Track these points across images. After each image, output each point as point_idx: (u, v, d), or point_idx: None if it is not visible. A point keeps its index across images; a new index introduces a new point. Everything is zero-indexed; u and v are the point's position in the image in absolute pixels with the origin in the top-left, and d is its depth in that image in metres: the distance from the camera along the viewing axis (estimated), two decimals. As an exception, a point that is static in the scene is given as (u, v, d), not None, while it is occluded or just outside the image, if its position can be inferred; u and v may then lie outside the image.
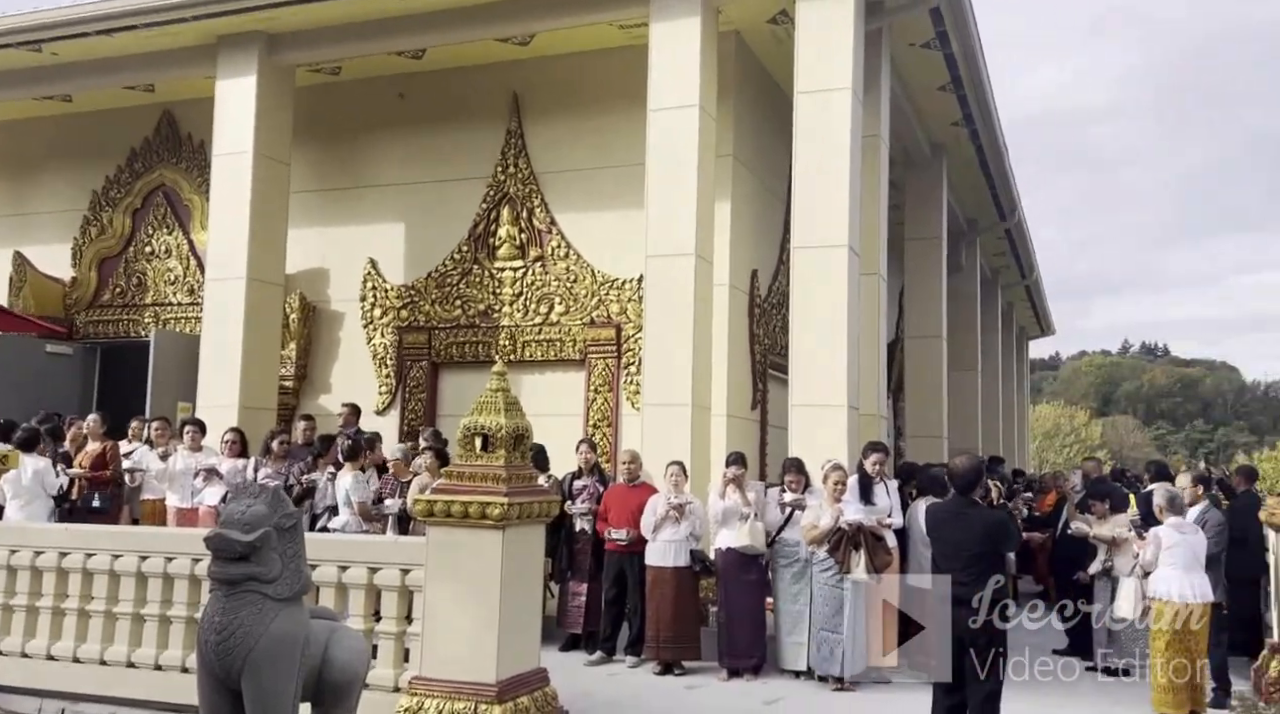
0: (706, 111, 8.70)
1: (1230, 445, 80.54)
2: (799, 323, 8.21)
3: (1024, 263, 19.03)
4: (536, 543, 5.99)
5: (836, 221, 8.10)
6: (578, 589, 8.22)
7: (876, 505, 7.51)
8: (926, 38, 9.73)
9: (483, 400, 5.98)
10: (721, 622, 7.54)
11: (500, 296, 10.53)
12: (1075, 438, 64.36)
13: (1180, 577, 6.51)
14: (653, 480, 8.18)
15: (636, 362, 9.73)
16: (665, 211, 8.58)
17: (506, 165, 10.61)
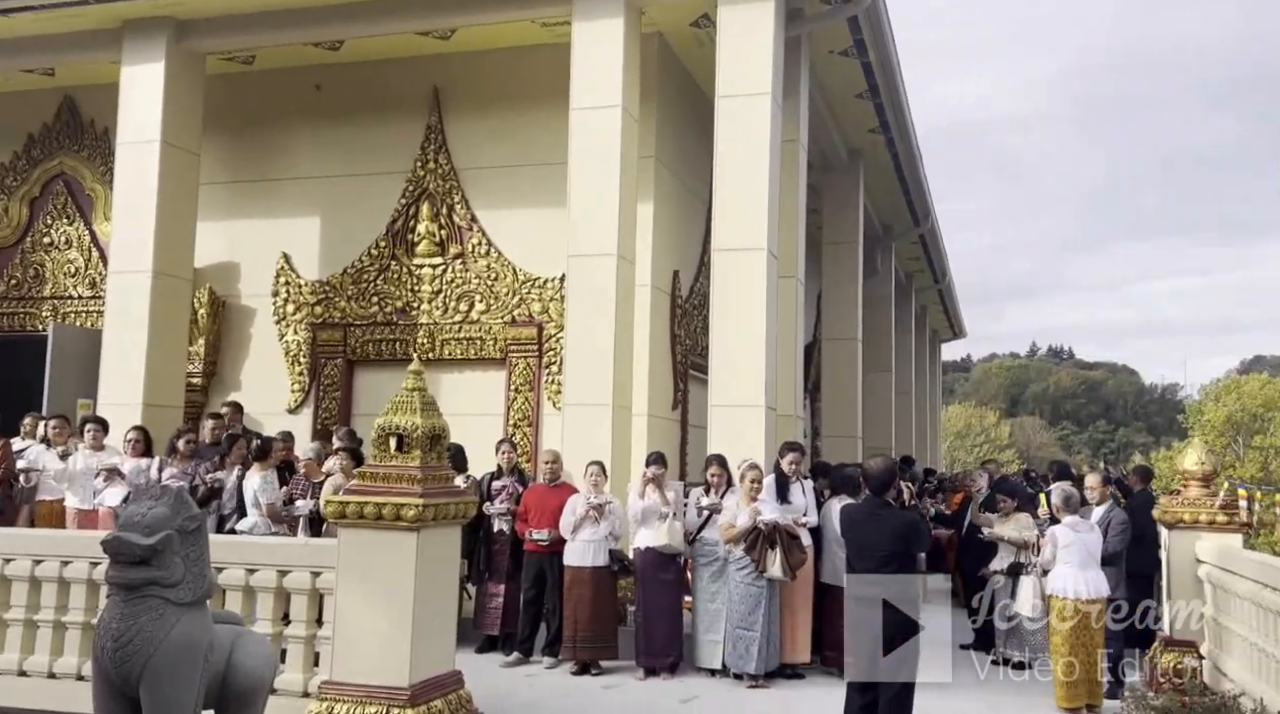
0: (629, 112, 8.71)
1: (1129, 445, 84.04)
2: (719, 324, 8.28)
3: (937, 268, 19.55)
4: (452, 545, 5.92)
5: (755, 225, 8.19)
6: (495, 590, 8.16)
7: (792, 504, 7.63)
8: (845, 45, 9.91)
9: (398, 400, 5.88)
10: (639, 621, 7.56)
11: (419, 294, 10.38)
12: (985, 438, 66.36)
13: (1076, 574, 6.75)
14: (573, 480, 8.17)
15: (558, 361, 9.69)
16: (587, 212, 8.57)
17: (426, 160, 10.46)
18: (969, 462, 65.34)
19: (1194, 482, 8.30)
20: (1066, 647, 6.69)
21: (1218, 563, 7.22)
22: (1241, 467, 45.99)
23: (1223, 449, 47.35)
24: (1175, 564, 8.09)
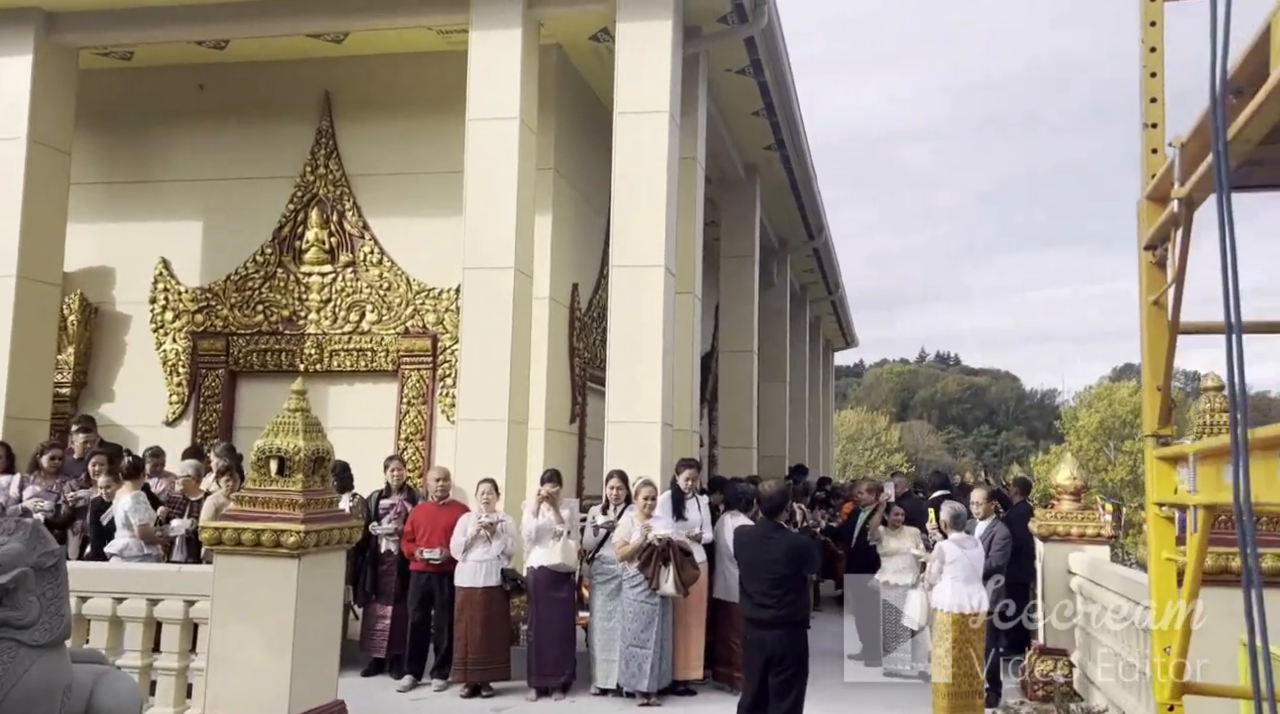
0: (527, 124, 8.62)
1: (1011, 448, 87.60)
2: (616, 340, 8.26)
3: (830, 280, 19.98)
4: (335, 571, 5.74)
5: (653, 242, 8.20)
6: (382, 612, 7.94)
7: (688, 520, 7.66)
8: (742, 64, 10.02)
9: (280, 420, 5.69)
10: (531, 641, 7.47)
11: (307, 302, 10.05)
12: (876, 442, 68.28)
13: (960, 589, 6.95)
14: (466, 498, 8.02)
15: (453, 374, 9.52)
16: (484, 224, 8.44)
17: (316, 166, 10.14)
18: (860, 465, 67.15)
19: (1066, 496, 8.69)
20: (949, 659, 6.87)
21: (1087, 575, 7.56)
22: (1113, 470, 48.49)
23: (1095, 454, 49.84)
24: (1049, 574, 8.45)
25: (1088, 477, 8.60)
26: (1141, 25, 2.33)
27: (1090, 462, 49.54)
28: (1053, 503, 8.85)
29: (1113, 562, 8.11)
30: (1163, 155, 2.31)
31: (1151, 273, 2.37)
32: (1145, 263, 2.37)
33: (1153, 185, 2.27)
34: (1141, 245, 2.37)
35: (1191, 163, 1.95)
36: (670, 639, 7.39)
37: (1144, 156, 2.33)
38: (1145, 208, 2.33)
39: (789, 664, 5.32)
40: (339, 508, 5.86)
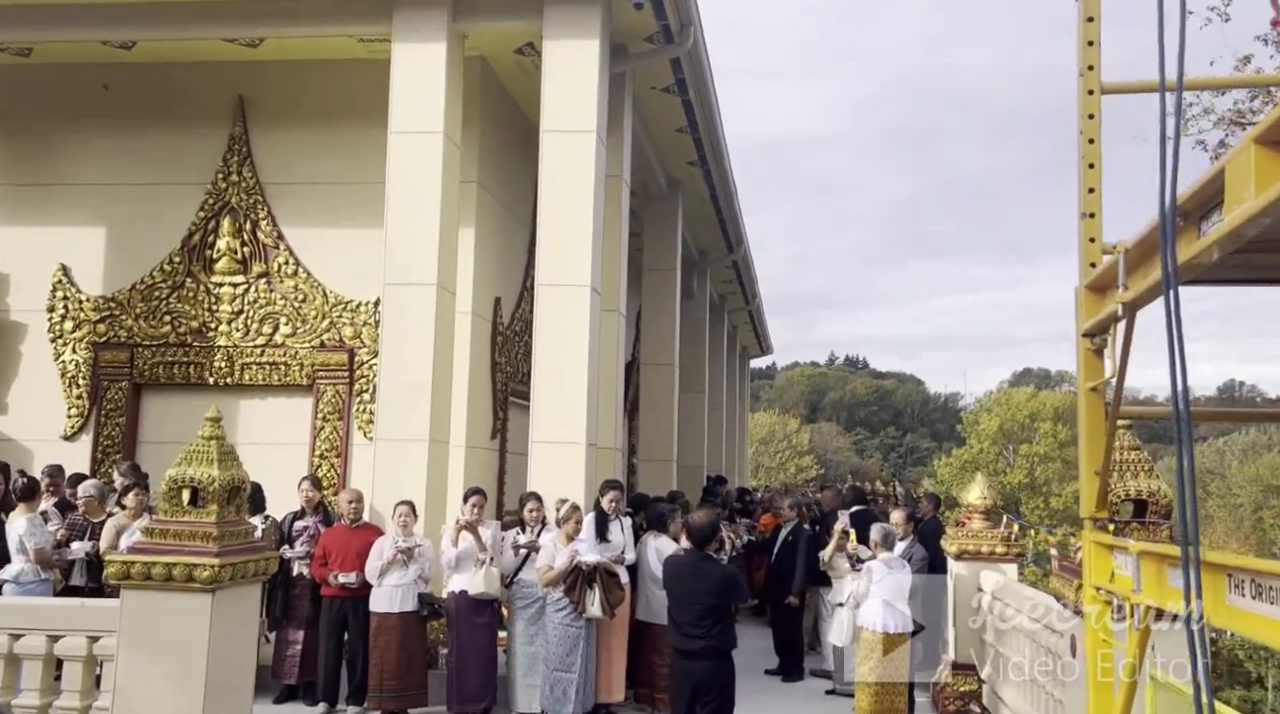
0: (450, 138, 8.49)
1: (916, 450, 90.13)
2: (541, 360, 8.20)
3: (748, 290, 20.23)
4: (251, 605, 5.56)
5: (579, 262, 8.17)
6: (294, 637, 7.73)
7: (611, 543, 7.64)
8: (667, 83, 10.06)
9: (193, 449, 5.47)
10: (451, 666, 7.36)
11: (217, 314, 9.71)
12: (787, 444, 69.46)
13: (887, 608, 7.12)
14: (383, 519, 7.86)
15: (370, 389, 9.32)
16: (405, 240, 8.28)
17: (229, 173, 9.80)
18: (772, 467, 68.19)
19: (977, 515, 8.96)
20: (874, 677, 7.03)
21: (997, 595, 7.80)
22: (1011, 473, 50.26)
23: (995, 457, 51.57)
24: (960, 592, 8.69)
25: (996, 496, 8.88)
26: (1079, 117, 2.41)
27: (990, 465, 51.26)
28: (963, 521, 9.12)
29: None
30: (1100, 244, 2.40)
31: (1090, 360, 2.46)
32: (1083, 349, 2.46)
33: (1093, 277, 2.36)
34: (1080, 332, 2.45)
35: (1134, 265, 2.02)
36: (594, 662, 7.38)
37: (1081, 245, 2.41)
38: (1084, 297, 2.42)
39: (715, 694, 5.36)
40: (255, 538, 5.67)
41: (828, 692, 8.87)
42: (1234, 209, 1.44)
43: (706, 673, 5.38)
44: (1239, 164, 1.43)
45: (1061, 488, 48.58)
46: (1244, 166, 1.40)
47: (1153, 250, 1.75)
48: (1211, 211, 1.60)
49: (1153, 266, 1.80)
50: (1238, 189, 1.41)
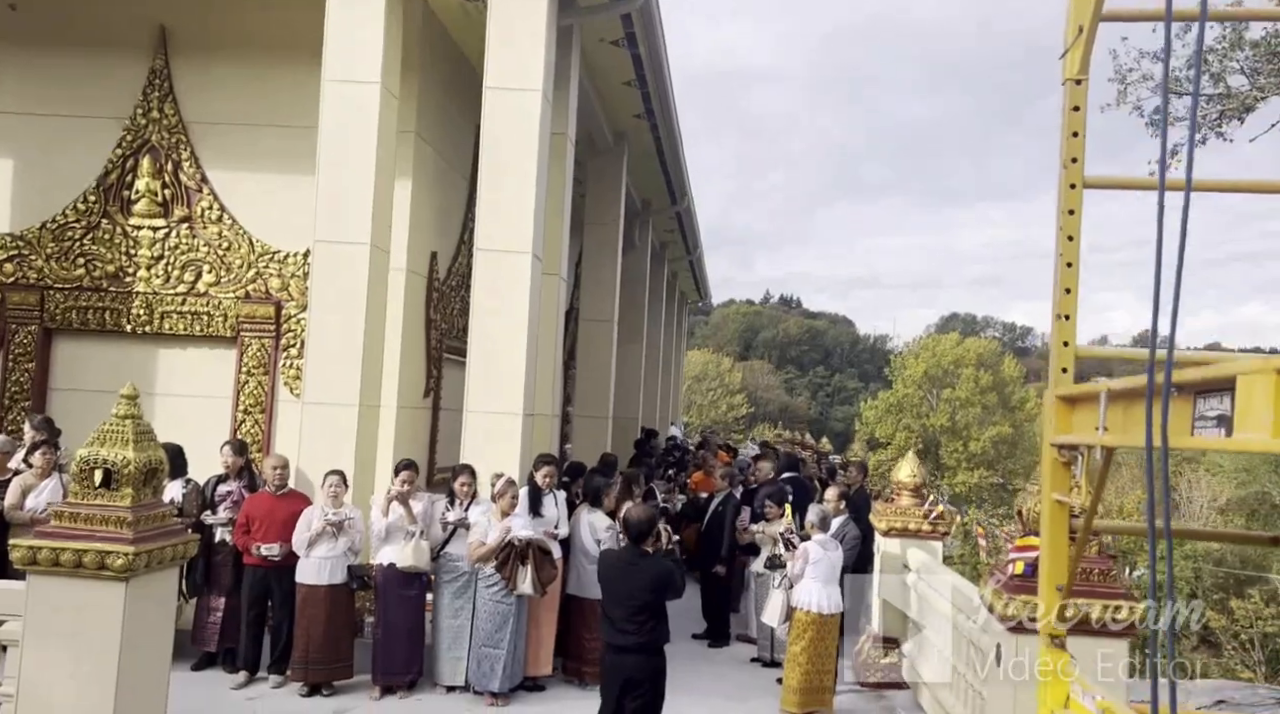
0: (389, 89, 8.08)
1: (843, 390, 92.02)
2: (478, 328, 7.97)
3: (690, 241, 20.03)
4: (168, 591, 5.34)
5: (521, 228, 7.90)
6: (215, 604, 7.53)
7: (545, 517, 7.56)
8: (616, 36, 9.69)
9: (107, 428, 5.17)
10: (377, 638, 7.25)
11: (136, 258, 9.21)
12: (719, 382, 70.24)
13: (821, 589, 7.20)
14: (310, 486, 7.64)
15: (298, 343, 8.98)
16: (338, 196, 7.91)
17: (149, 109, 9.21)
18: (704, 405, 68.98)
19: (906, 491, 9.07)
20: (805, 656, 7.12)
21: (922, 575, 7.94)
22: (934, 416, 51.63)
23: (919, 401, 52.84)
24: (886, 566, 8.85)
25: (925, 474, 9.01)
26: (1059, 212, 2.28)
27: (914, 408, 52.56)
28: (893, 497, 9.24)
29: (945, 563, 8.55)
30: (1073, 348, 2.30)
31: (1056, 469, 2.38)
32: (1050, 458, 2.38)
33: (1069, 391, 2.26)
34: (1049, 440, 2.37)
35: (1115, 400, 1.94)
36: (524, 638, 7.34)
37: (1054, 348, 2.31)
38: (1055, 407, 2.33)
39: (646, 689, 5.35)
40: (172, 521, 5.43)
41: (752, 659, 9.00)
42: (1245, 430, 1.35)
43: (638, 668, 5.36)
44: (1254, 386, 1.32)
45: (980, 432, 50.14)
46: (1262, 393, 1.30)
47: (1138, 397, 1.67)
48: (1212, 394, 1.51)
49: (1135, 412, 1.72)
50: (1249, 412, 1.32)
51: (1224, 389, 1.46)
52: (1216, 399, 1.50)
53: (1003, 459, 50.78)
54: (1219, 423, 1.48)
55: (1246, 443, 1.37)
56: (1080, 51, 2.26)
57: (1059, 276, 2.30)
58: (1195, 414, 1.57)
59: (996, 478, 50.33)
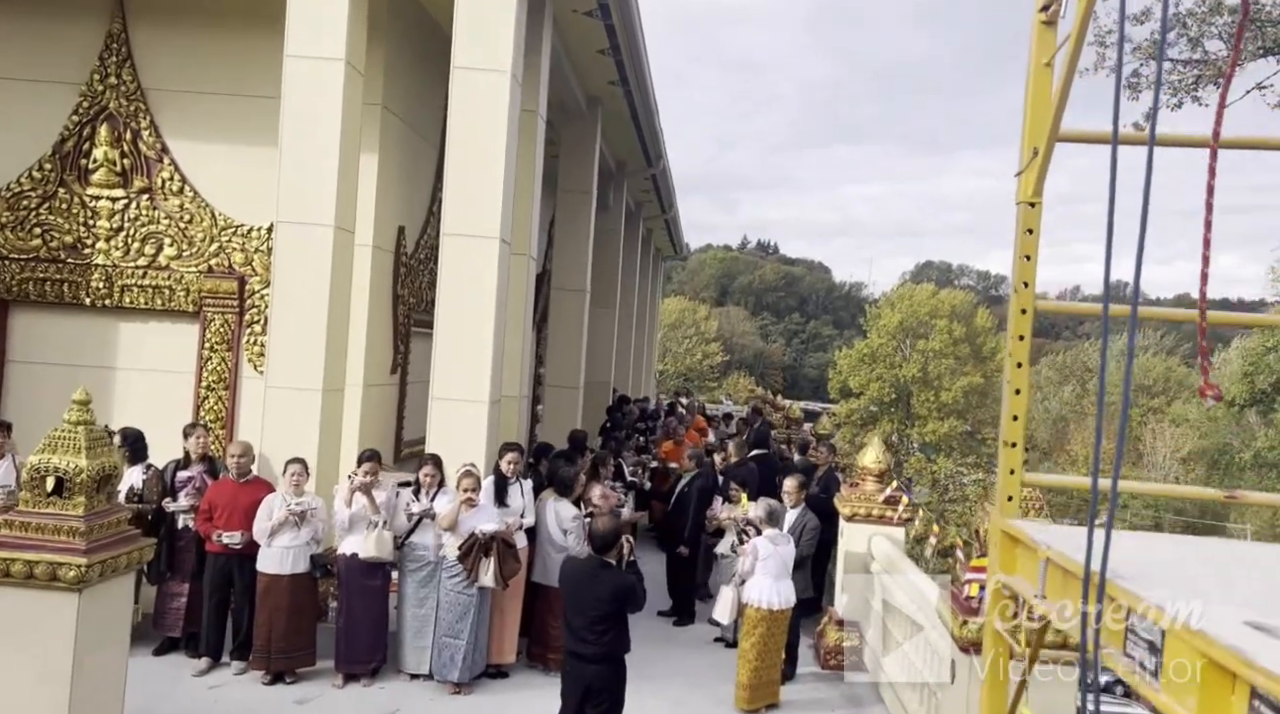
0: (354, 66, 7.84)
1: (818, 336, 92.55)
2: (444, 313, 7.85)
3: (664, 201, 19.81)
4: (122, 599, 5.28)
5: (489, 212, 7.75)
6: (177, 590, 7.51)
7: (510, 506, 7.55)
8: (589, 7, 9.44)
9: (59, 434, 5.07)
10: (340, 626, 7.26)
11: (94, 230, 8.97)
12: (696, 331, 70.35)
13: (771, 585, 7.21)
14: (272, 473, 7.58)
15: (262, 320, 8.83)
16: (301, 177, 7.71)
17: (106, 74, 8.89)
18: (679, 352, 69.11)
19: (870, 477, 9.14)
20: (754, 652, 7.17)
21: (886, 569, 8.03)
22: (907, 366, 52.02)
23: (893, 351, 53.16)
24: (849, 552, 8.95)
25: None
26: (1009, 336, 2.21)
27: (887, 358, 52.89)
28: (857, 482, 9.30)
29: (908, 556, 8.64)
30: (1019, 476, 2.26)
31: (1005, 548, 2.33)
32: (998, 538, 2.33)
33: (1012, 531, 2.22)
34: (997, 527, 2.32)
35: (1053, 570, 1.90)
36: (486, 628, 7.37)
37: (1001, 477, 2.26)
38: (1000, 539, 2.28)
39: (605, 698, 5.40)
40: (126, 527, 5.36)
41: (716, 639, 9.10)
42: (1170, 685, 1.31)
43: (598, 676, 5.40)
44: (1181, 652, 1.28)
45: (951, 382, 50.60)
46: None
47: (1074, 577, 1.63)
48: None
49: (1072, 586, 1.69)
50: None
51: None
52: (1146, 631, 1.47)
53: (973, 408, 51.33)
54: (1150, 650, 1.46)
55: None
56: (1035, 174, 2.19)
57: (1007, 404, 2.25)
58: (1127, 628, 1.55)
59: (966, 427, 50.91)
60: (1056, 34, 2.23)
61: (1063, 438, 54.05)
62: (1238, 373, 30.22)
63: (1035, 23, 2.24)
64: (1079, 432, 51.97)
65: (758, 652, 7.18)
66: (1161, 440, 47.24)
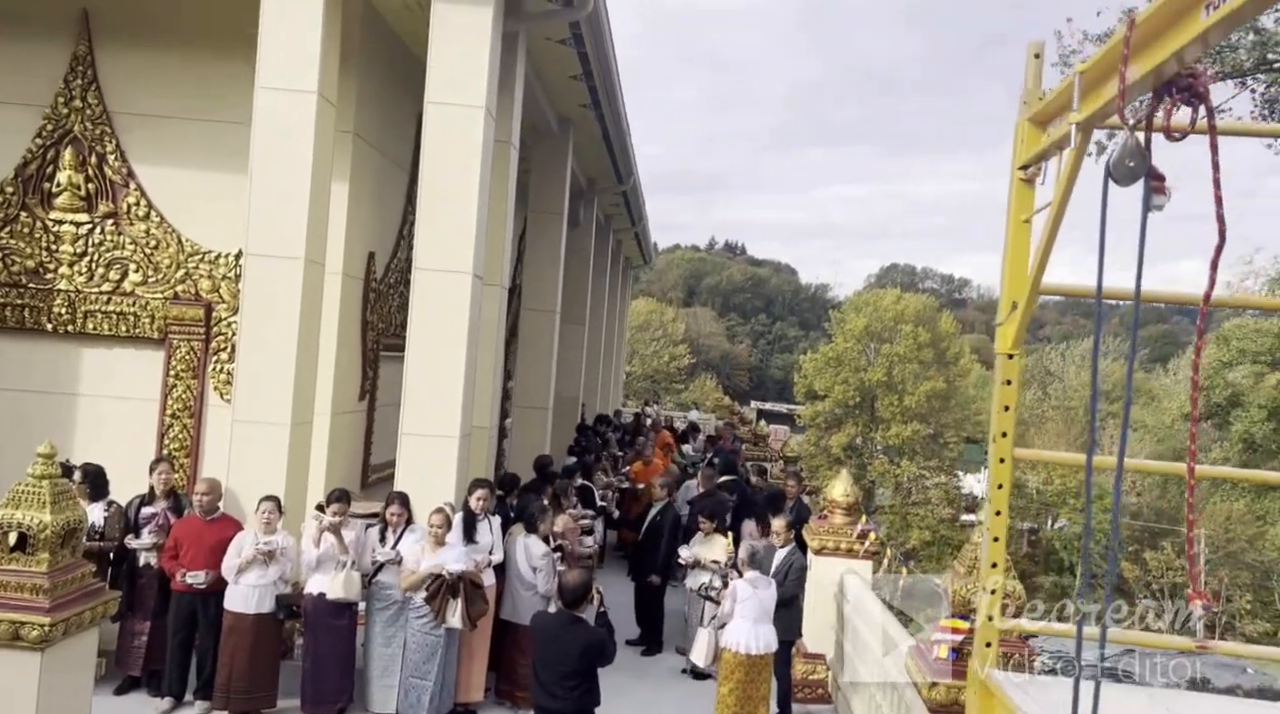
0: (326, 98, 7.76)
1: (784, 337, 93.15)
2: (415, 347, 7.80)
3: (634, 213, 19.81)
4: (86, 655, 5.21)
5: (462, 247, 7.71)
6: (139, 628, 7.42)
7: (479, 544, 7.53)
8: (563, 36, 9.41)
9: (22, 488, 4.98)
10: (306, 668, 7.20)
11: (57, 254, 8.81)
12: (663, 332, 70.50)
13: (750, 629, 7.15)
14: (239, 508, 7.49)
15: (229, 347, 8.72)
16: (271, 209, 7.61)
17: (71, 97, 8.73)
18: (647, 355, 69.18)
19: (839, 510, 9.22)
20: (734, 698, 7.11)
21: (855, 607, 8.09)
22: (871, 370, 52.46)
23: (858, 354, 53.55)
24: (818, 584, 9.01)
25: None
26: (989, 484, 2.26)
27: (852, 362, 53.28)
28: (826, 515, 9.38)
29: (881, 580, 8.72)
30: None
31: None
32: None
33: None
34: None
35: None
36: (454, 666, 7.35)
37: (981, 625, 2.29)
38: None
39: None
40: (91, 581, 5.28)
41: (683, 670, 9.12)
42: None
43: (567, 731, 5.40)
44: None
45: (915, 386, 51.11)
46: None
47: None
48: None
49: None
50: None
51: None
52: None
53: (936, 412, 51.87)
54: None
55: None
56: (1015, 327, 2.23)
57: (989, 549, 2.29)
58: None
59: (929, 430, 51.45)
60: (1034, 193, 2.26)
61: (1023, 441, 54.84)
62: (1194, 385, 30.88)
63: (1014, 179, 2.28)
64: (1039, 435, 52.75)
65: (736, 698, 7.12)
66: (1120, 445, 48.03)
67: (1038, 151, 2.22)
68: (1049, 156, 2.22)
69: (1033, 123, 2.24)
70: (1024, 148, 2.27)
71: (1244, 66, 13.80)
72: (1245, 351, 30.07)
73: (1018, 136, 2.28)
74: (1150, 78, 1.71)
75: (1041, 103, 2.20)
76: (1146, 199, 1.73)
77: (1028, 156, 2.26)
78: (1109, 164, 1.75)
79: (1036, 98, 2.24)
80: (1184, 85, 1.69)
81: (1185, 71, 1.68)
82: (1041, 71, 2.29)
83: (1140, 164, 1.69)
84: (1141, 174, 1.70)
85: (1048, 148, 2.17)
